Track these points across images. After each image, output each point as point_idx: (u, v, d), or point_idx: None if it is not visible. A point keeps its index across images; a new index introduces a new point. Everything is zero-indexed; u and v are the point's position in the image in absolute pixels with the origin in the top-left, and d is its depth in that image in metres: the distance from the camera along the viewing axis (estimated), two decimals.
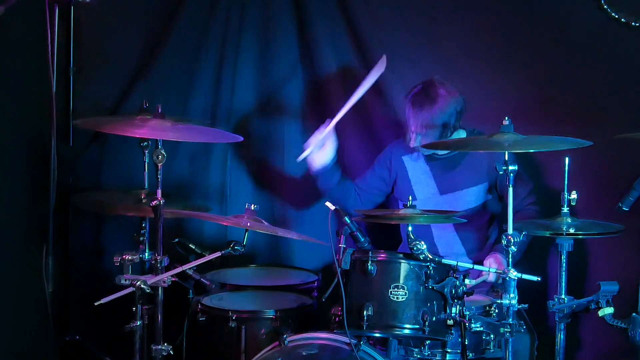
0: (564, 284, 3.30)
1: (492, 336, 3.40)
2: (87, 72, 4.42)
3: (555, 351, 3.38)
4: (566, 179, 3.29)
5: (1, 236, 3.72)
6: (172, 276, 3.31)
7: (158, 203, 3.26)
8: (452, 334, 3.30)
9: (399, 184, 4.15)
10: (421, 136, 3.91)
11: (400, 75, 4.36)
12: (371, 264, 3.29)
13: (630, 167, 3.53)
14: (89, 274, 4.49)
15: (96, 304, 3.24)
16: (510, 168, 3.22)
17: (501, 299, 3.22)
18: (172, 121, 3.42)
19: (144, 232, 3.78)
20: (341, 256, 3.33)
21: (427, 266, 3.27)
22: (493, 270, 3.38)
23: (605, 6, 4.06)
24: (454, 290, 3.26)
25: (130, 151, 4.14)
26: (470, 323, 3.26)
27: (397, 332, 3.29)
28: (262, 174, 4.65)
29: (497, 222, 4.07)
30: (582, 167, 3.43)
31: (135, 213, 3.84)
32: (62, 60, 4.27)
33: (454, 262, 3.29)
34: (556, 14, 4.18)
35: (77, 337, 4.32)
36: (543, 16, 4.21)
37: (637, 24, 4.04)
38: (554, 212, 3.39)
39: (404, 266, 3.30)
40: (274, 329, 3.57)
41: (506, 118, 3.32)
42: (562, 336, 3.36)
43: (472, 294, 3.32)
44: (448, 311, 3.27)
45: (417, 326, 3.26)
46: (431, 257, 3.26)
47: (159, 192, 3.28)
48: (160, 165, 3.29)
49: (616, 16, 4.05)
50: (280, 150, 4.59)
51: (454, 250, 4.03)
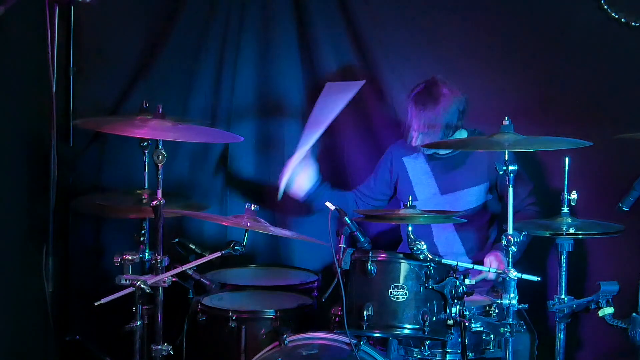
0: (564, 284, 3.30)
1: (492, 336, 3.40)
2: (87, 72, 4.42)
3: (555, 351, 3.38)
4: (566, 179, 3.29)
5: (1, 236, 3.72)
6: (172, 276, 3.31)
7: (158, 203, 3.27)
8: (452, 334, 3.30)
9: (400, 185, 4.15)
10: (423, 135, 3.91)
11: (400, 75, 4.37)
12: (371, 264, 3.29)
13: (630, 167, 3.52)
14: (89, 274, 4.48)
15: (96, 304, 3.23)
16: (510, 168, 3.22)
17: (501, 299, 3.22)
18: (172, 121, 3.42)
19: (144, 232, 3.78)
20: (341, 256, 3.32)
21: (427, 266, 3.27)
22: (493, 270, 3.38)
23: (605, 6, 4.06)
24: (454, 290, 3.26)
25: (131, 151, 4.13)
26: (470, 323, 3.26)
27: (397, 332, 3.29)
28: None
29: (498, 222, 4.07)
30: (582, 167, 3.42)
31: (137, 215, 3.84)
32: (62, 60, 4.26)
33: (454, 262, 3.29)
34: (556, 14, 4.19)
35: (77, 337, 4.31)
36: (543, 16, 4.21)
37: (637, 24, 4.04)
38: (554, 212, 3.39)
39: (404, 266, 3.29)
40: (274, 329, 3.57)
41: (506, 118, 3.32)
42: (562, 336, 3.35)
43: (472, 294, 3.32)
44: (448, 311, 3.27)
45: (417, 326, 3.26)
46: (431, 257, 3.25)
47: (159, 192, 3.28)
48: (160, 165, 3.29)
49: (616, 16, 4.05)
50: (280, 150, 4.58)
51: (453, 249, 4.03)
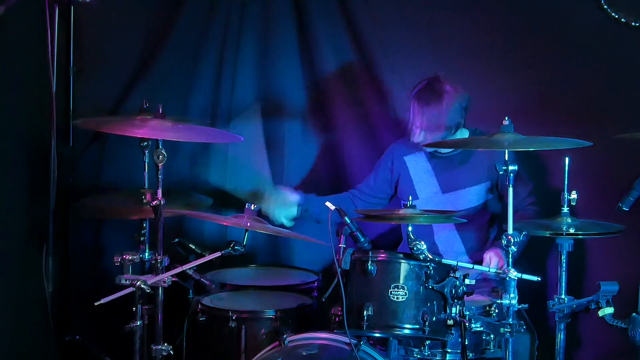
0: (564, 284, 3.30)
1: (492, 336, 3.40)
2: (87, 72, 4.42)
3: (555, 351, 3.38)
4: (566, 179, 3.29)
5: (1, 236, 3.72)
6: (172, 276, 3.31)
7: (158, 203, 3.27)
8: (452, 334, 3.30)
9: (401, 184, 4.15)
10: (426, 132, 3.90)
11: (401, 74, 4.37)
12: (371, 264, 3.29)
13: (630, 167, 3.52)
14: (89, 274, 4.48)
15: (96, 304, 3.23)
16: (510, 168, 3.21)
17: (501, 299, 3.22)
18: (172, 121, 3.42)
19: (144, 232, 3.78)
20: (341, 256, 3.32)
21: (427, 266, 3.27)
22: (493, 270, 3.38)
23: (605, 6, 4.06)
24: (454, 290, 3.25)
25: (131, 151, 4.12)
26: (470, 323, 3.26)
27: (397, 332, 3.29)
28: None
29: (498, 222, 4.07)
30: (582, 167, 3.42)
31: (138, 216, 3.83)
32: (62, 60, 4.26)
33: (454, 262, 3.29)
34: (556, 14, 4.19)
35: (77, 337, 4.32)
36: (543, 16, 4.21)
37: (637, 24, 4.04)
38: (554, 212, 3.39)
39: (404, 266, 3.29)
40: (274, 329, 3.57)
41: (506, 118, 3.32)
42: (562, 336, 3.36)
43: (472, 294, 3.32)
44: (448, 311, 3.27)
45: (417, 326, 3.25)
46: (431, 257, 3.25)
47: (159, 192, 3.28)
48: (160, 165, 3.29)
49: (616, 16, 4.05)
50: (280, 150, 4.58)
51: (454, 248, 4.03)
